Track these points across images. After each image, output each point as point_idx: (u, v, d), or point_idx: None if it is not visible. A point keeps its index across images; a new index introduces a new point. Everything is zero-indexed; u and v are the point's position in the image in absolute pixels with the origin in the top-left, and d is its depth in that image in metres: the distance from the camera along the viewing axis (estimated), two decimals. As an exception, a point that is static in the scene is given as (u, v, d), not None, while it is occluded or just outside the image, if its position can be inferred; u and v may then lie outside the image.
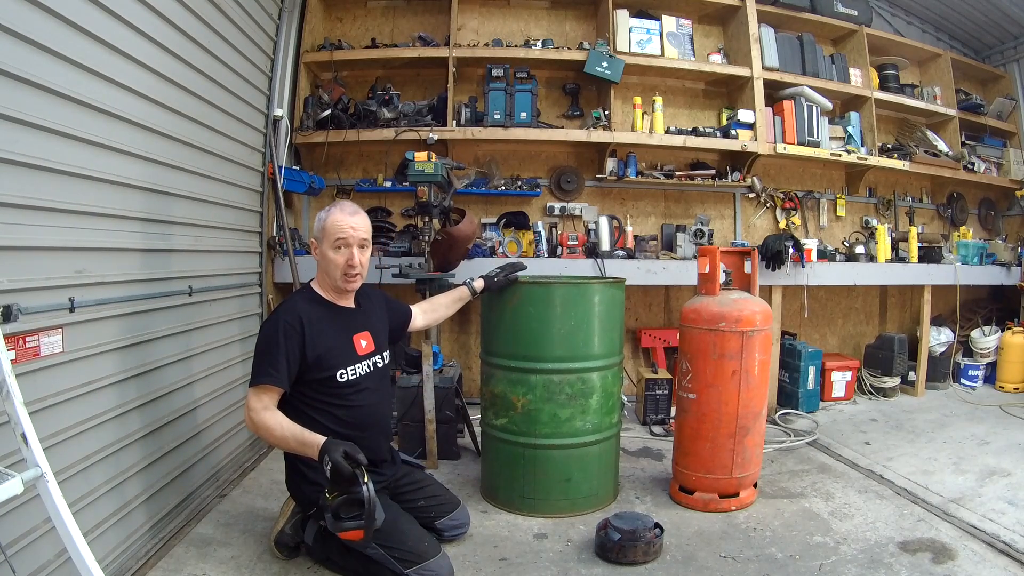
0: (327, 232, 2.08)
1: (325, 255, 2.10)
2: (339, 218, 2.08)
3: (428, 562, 1.95)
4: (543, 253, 4.06)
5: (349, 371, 2.09)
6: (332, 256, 2.08)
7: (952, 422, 3.86)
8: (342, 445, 1.80)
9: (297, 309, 2.05)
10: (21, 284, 1.68)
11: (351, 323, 2.17)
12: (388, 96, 3.98)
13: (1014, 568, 2.12)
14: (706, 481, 2.61)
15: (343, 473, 1.74)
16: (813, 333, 4.83)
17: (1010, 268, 4.78)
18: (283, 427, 1.90)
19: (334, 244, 2.07)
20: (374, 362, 2.19)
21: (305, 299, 2.13)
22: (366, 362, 2.15)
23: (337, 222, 2.08)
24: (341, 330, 2.13)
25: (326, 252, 2.09)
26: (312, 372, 2.02)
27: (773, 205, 4.68)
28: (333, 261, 2.08)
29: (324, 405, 2.04)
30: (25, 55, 1.67)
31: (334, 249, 2.08)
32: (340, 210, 2.11)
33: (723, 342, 2.53)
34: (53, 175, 1.81)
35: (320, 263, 2.14)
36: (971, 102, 5.07)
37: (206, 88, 2.72)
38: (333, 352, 2.06)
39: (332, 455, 1.75)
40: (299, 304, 2.09)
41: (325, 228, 2.09)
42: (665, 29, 4.23)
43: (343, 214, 2.10)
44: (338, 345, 2.09)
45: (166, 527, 2.33)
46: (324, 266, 2.12)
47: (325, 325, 2.07)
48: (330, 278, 2.12)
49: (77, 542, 1.36)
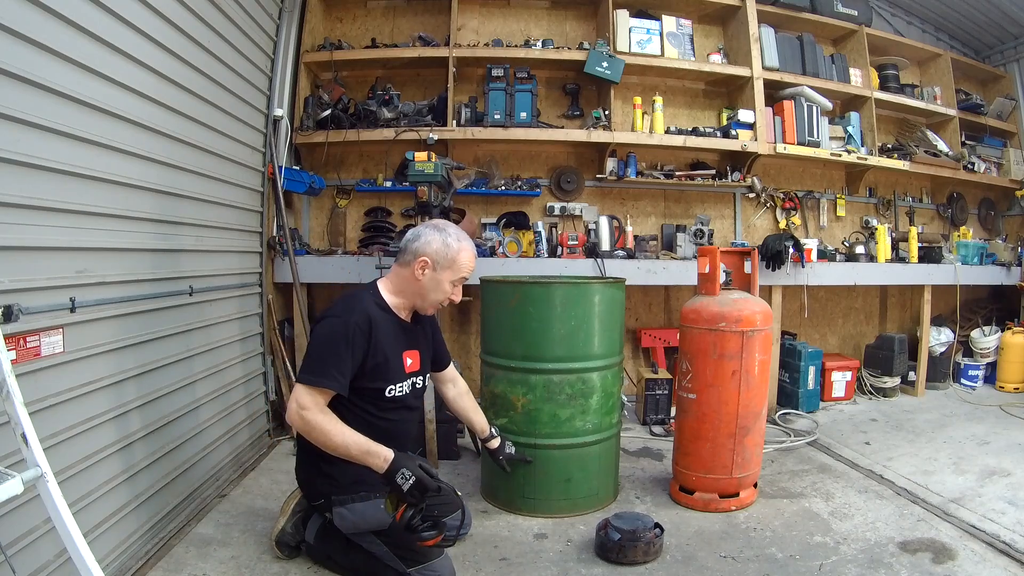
0: (457, 266, 2.03)
1: (441, 284, 2.04)
2: (472, 257, 2.07)
3: (432, 562, 1.95)
4: (543, 253, 4.06)
5: (397, 388, 2.05)
6: (447, 288, 2.05)
7: (952, 422, 3.86)
8: (415, 459, 1.84)
9: (368, 312, 1.97)
10: (22, 284, 1.68)
11: (405, 339, 2.10)
12: (388, 96, 3.98)
13: (1014, 568, 2.12)
14: (706, 481, 2.61)
15: (428, 487, 1.80)
16: (813, 333, 4.84)
17: (1010, 268, 4.78)
18: (343, 434, 1.88)
19: (456, 280, 2.06)
20: (414, 382, 2.13)
21: (373, 302, 2.04)
22: (409, 380, 2.10)
23: (470, 260, 2.06)
24: (398, 344, 2.06)
25: (443, 282, 2.04)
26: (363, 380, 1.96)
27: (773, 205, 4.68)
28: (444, 292, 2.05)
29: (362, 413, 1.98)
30: (26, 55, 1.67)
31: (453, 283, 2.06)
32: (471, 247, 2.08)
33: (723, 342, 2.53)
34: (54, 175, 1.81)
35: (425, 284, 2.04)
36: (971, 102, 5.07)
37: (206, 88, 2.72)
38: (387, 365, 2.00)
39: (414, 470, 1.80)
40: (369, 307, 2.00)
41: (456, 262, 2.03)
42: (665, 29, 4.22)
43: (474, 252, 2.09)
44: (392, 359, 2.03)
45: (166, 527, 2.33)
46: (430, 290, 2.05)
47: (388, 336, 2.01)
48: (424, 301, 2.08)
49: (77, 542, 1.36)
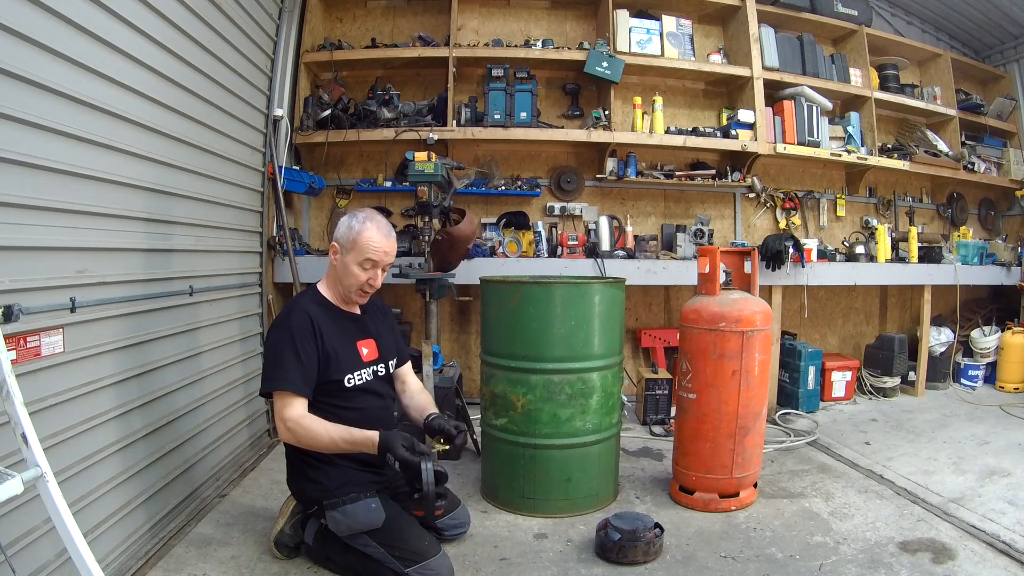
0: (358, 247, 2.02)
1: (348, 267, 2.05)
2: (375, 238, 2.03)
3: (428, 561, 1.95)
4: (543, 253, 4.07)
5: (356, 376, 2.07)
6: (355, 271, 2.04)
7: (952, 422, 3.86)
8: (399, 437, 1.87)
9: (306, 310, 2.02)
10: (22, 284, 1.68)
11: (355, 329, 2.14)
12: (388, 96, 3.98)
13: (1014, 568, 2.12)
14: (706, 481, 2.61)
15: (411, 466, 1.85)
16: (813, 333, 4.83)
17: (1010, 268, 4.78)
18: (328, 431, 1.90)
19: (362, 262, 2.03)
20: (375, 370, 2.16)
21: (311, 301, 2.09)
22: (368, 369, 2.13)
23: (372, 241, 2.03)
24: (347, 335, 2.10)
25: (349, 265, 2.04)
26: (320, 376, 1.99)
27: (773, 205, 4.68)
28: (355, 276, 2.05)
29: (329, 407, 2.01)
30: (26, 55, 1.67)
31: (360, 266, 2.04)
32: (377, 229, 2.04)
33: (723, 342, 2.53)
34: (55, 175, 1.81)
35: (338, 270, 2.08)
36: (971, 102, 5.07)
37: (207, 88, 2.72)
38: (339, 356, 2.03)
39: (396, 452, 1.84)
40: (307, 306, 2.05)
41: (357, 243, 2.02)
42: (665, 29, 4.23)
43: (380, 235, 2.04)
44: (344, 350, 2.06)
45: (166, 527, 2.33)
46: (341, 275, 2.08)
47: (332, 329, 2.05)
48: (343, 288, 2.10)
49: (77, 542, 1.36)
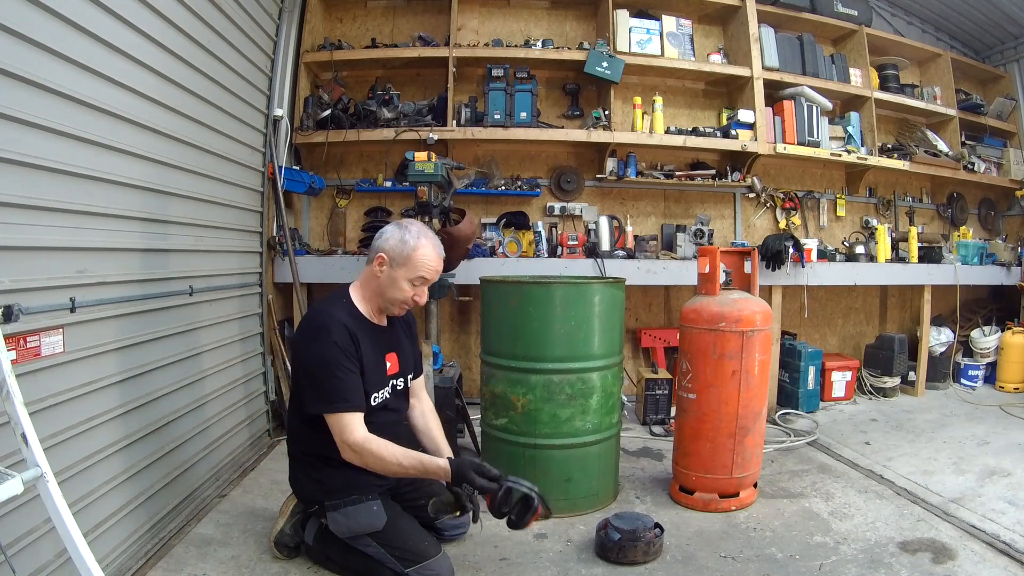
0: (412, 263, 1.95)
1: (397, 282, 1.97)
2: (430, 256, 1.98)
3: (428, 561, 1.95)
4: (543, 253, 4.07)
5: (380, 395, 2.03)
6: (404, 287, 1.97)
7: (952, 422, 3.86)
8: (469, 465, 1.85)
9: (344, 324, 1.92)
10: (22, 284, 1.68)
11: (383, 342, 2.08)
12: (388, 96, 3.98)
13: (1014, 568, 2.12)
14: (706, 481, 2.61)
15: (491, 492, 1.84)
16: (813, 333, 4.83)
17: (1010, 268, 4.78)
18: (397, 458, 1.86)
19: (413, 279, 1.97)
20: (394, 384, 2.11)
21: (347, 314, 1.98)
22: (389, 383, 2.08)
23: (428, 259, 1.97)
24: (377, 351, 2.02)
25: (399, 280, 1.97)
26: None
27: (773, 205, 4.68)
28: (403, 291, 1.98)
29: None
30: (26, 55, 1.67)
31: (411, 282, 1.98)
32: (432, 246, 1.99)
33: (723, 342, 2.53)
34: (54, 175, 1.81)
35: (382, 282, 1.99)
36: (971, 102, 5.07)
37: (206, 88, 2.72)
38: (369, 375, 1.97)
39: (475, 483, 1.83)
40: (344, 319, 1.94)
41: (412, 259, 1.95)
42: (665, 29, 4.22)
43: (435, 252, 2.00)
44: (373, 368, 1.99)
45: (166, 527, 2.33)
46: (386, 287, 1.99)
47: (367, 345, 1.97)
48: (384, 300, 2.02)
49: (77, 542, 1.36)
